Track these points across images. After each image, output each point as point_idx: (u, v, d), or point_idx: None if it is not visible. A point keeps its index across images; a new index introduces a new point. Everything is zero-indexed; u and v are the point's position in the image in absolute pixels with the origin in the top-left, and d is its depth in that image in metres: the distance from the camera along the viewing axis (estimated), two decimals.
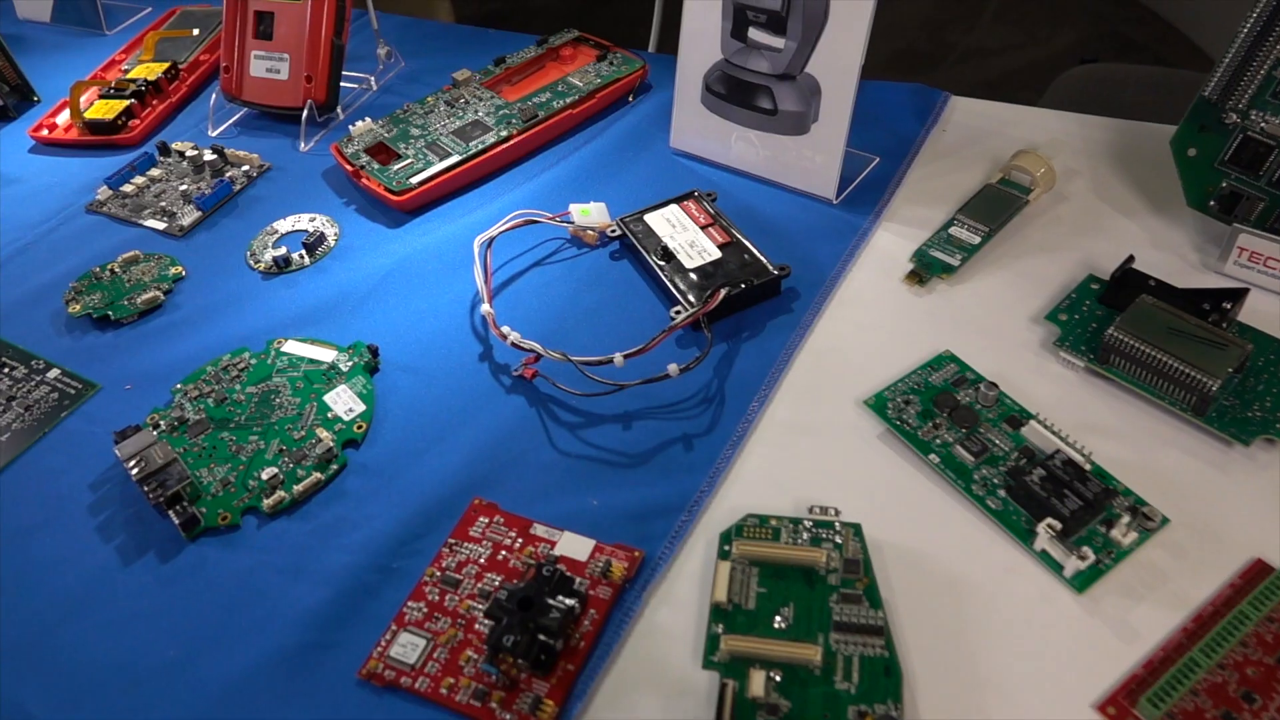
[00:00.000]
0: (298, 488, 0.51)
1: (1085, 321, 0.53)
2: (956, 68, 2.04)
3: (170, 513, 0.50)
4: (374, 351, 0.58)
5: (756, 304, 0.58)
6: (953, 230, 0.59)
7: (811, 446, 0.50)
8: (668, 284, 0.58)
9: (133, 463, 0.52)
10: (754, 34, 0.63)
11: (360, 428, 0.54)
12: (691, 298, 0.57)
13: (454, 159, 0.70)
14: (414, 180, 0.69)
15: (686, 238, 0.61)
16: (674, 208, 0.64)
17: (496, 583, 0.45)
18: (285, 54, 0.79)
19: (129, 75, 0.86)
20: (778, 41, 0.62)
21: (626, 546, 0.46)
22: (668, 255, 0.60)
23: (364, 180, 0.70)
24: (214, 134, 0.82)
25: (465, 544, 0.47)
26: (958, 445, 0.47)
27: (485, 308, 0.58)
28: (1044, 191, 0.61)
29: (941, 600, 0.43)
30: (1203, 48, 1.51)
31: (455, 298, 0.62)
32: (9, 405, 0.59)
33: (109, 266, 0.67)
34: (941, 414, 0.49)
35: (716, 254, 0.59)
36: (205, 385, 0.58)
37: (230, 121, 0.83)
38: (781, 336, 0.56)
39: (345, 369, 0.57)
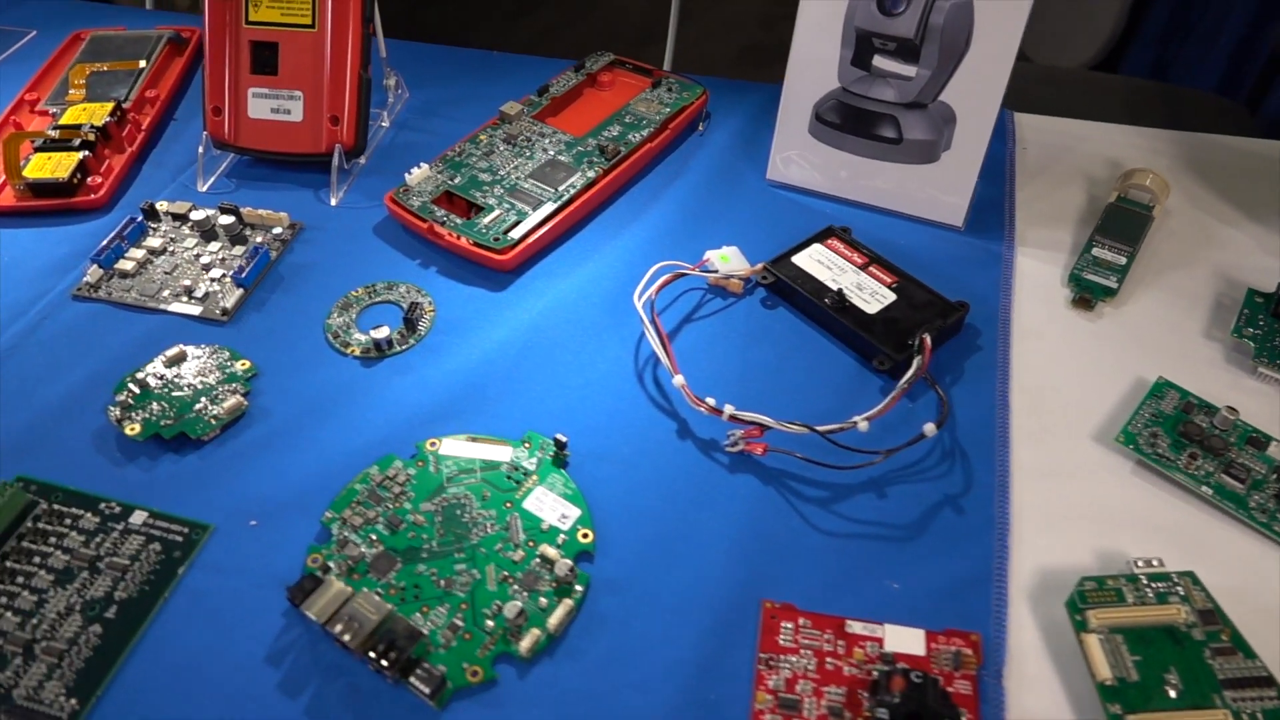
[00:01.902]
0: (552, 621, 0.43)
1: (1270, 335, 0.55)
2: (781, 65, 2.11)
3: (411, 681, 0.41)
4: (560, 444, 0.50)
5: (942, 344, 0.56)
6: (1096, 252, 0.61)
7: (1074, 490, 0.49)
8: (855, 333, 0.55)
9: (340, 627, 0.42)
10: (880, 62, 0.61)
11: (586, 536, 0.47)
12: (889, 347, 0.54)
13: (550, 206, 0.63)
14: (515, 235, 0.61)
15: (850, 279, 0.58)
16: (818, 247, 0.60)
17: (842, 697, 0.41)
18: (297, 91, 0.67)
19: (63, 121, 0.70)
20: (908, 70, 0.61)
21: (960, 631, 0.43)
22: (842, 300, 0.57)
23: (447, 238, 0.61)
24: (205, 189, 0.69)
25: (781, 658, 0.42)
26: (1220, 474, 0.48)
27: (678, 379, 0.52)
28: (1161, 207, 0.64)
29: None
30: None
31: (614, 366, 0.56)
32: (95, 570, 0.46)
33: (150, 369, 0.54)
34: (1193, 443, 0.50)
35: (891, 295, 0.57)
36: (365, 509, 0.48)
37: (219, 172, 0.70)
38: (986, 377, 0.54)
39: (530, 467, 0.50)
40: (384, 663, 0.41)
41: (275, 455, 0.51)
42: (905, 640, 0.43)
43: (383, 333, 0.56)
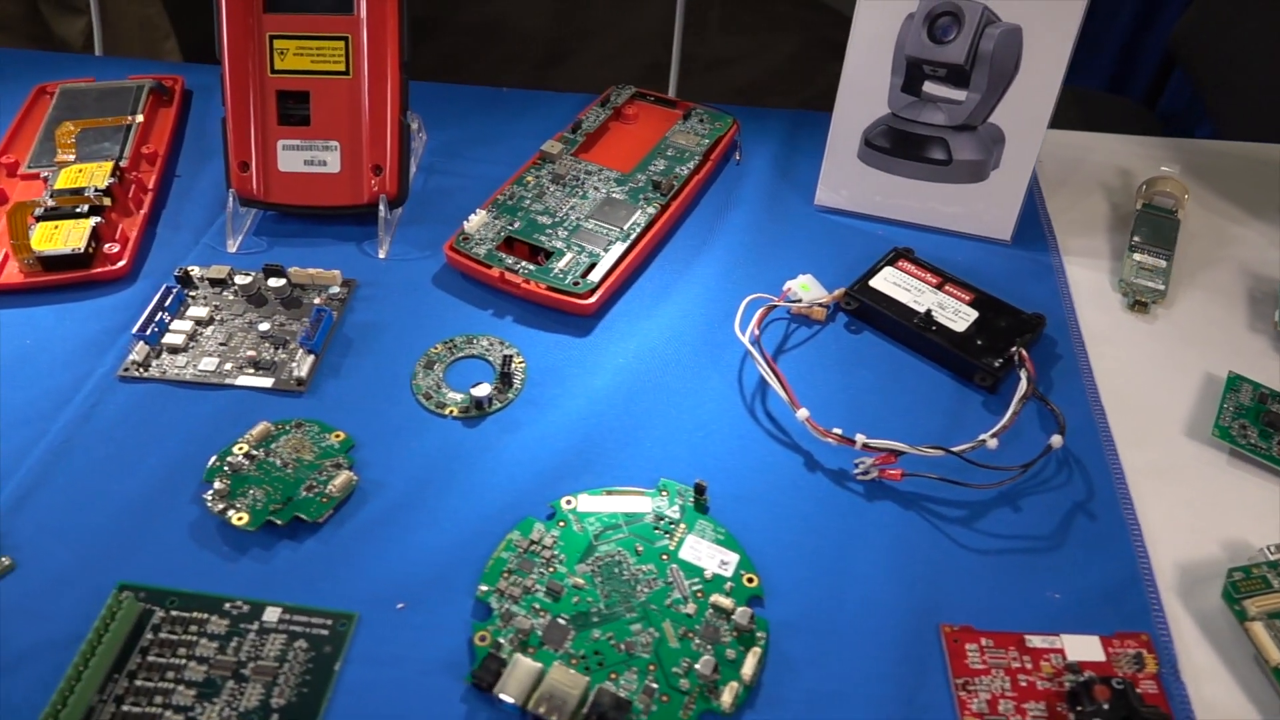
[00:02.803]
0: (746, 672, 0.42)
1: None
2: (704, 77, 2.15)
3: None
4: (700, 489, 0.49)
5: None
6: (1137, 257, 0.64)
7: (1184, 486, 0.52)
8: (949, 351, 0.56)
9: (543, 708, 0.40)
10: (930, 88, 0.63)
11: (751, 580, 0.46)
12: (987, 362, 0.56)
13: (620, 246, 0.61)
14: (594, 278, 0.59)
15: (932, 299, 0.59)
16: (891, 270, 0.61)
17: (1044, 712, 0.42)
18: (333, 141, 0.63)
19: (59, 185, 0.64)
20: (958, 94, 0.63)
21: (1129, 633, 0.45)
22: (930, 320, 0.58)
23: (523, 285, 0.59)
24: (235, 249, 0.64)
25: (975, 680, 0.43)
26: None
27: (802, 413, 0.52)
28: (1183, 211, 0.68)
29: None
30: None
31: (722, 404, 0.55)
32: (241, 678, 0.42)
33: (239, 450, 0.50)
34: (1278, 430, 0.53)
35: (973, 312, 0.59)
36: (520, 578, 0.46)
37: (245, 230, 0.65)
38: (1072, 384, 0.57)
39: (674, 516, 0.49)
40: None
41: (401, 530, 0.49)
42: (1083, 648, 0.44)
43: (483, 390, 0.54)
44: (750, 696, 0.42)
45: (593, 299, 0.59)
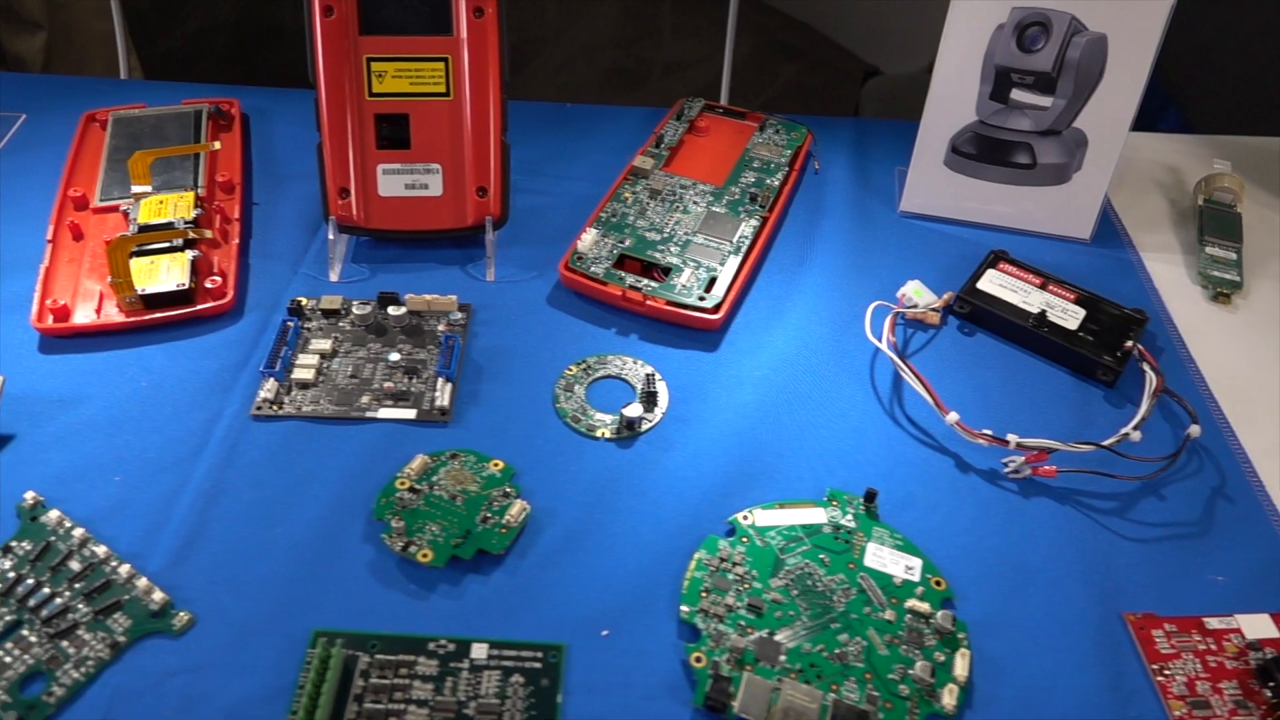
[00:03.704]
0: (959, 673, 0.44)
1: None
2: (665, 81, 2.17)
3: None
4: (871, 496, 0.50)
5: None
6: (1210, 251, 0.68)
7: None
8: (1067, 349, 0.58)
9: None
10: (1018, 95, 0.65)
11: (940, 584, 0.47)
12: (1105, 358, 0.58)
13: (735, 259, 0.62)
14: (718, 292, 0.60)
15: (1040, 299, 0.61)
16: (994, 272, 0.63)
17: (1238, 690, 0.44)
18: (434, 164, 0.62)
19: (143, 219, 0.61)
20: (1044, 101, 0.65)
21: None
22: (1044, 320, 0.60)
23: (648, 302, 0.59)
24: (337, 278, 0.62)
25: (1170, 665, 0.45)
26: None
27: (952, 416, 0.53)
28: (1241, 205, 0.72)
29: None
30: (849, 48, 1.81)
31: (866, 411, 0.56)
32: (466, 719, 0.41)
33: (401, 485, 0.49)
34: None
35: (1080, 310, 0.61)
36: (719, 596, 0.46)
37: (343, 258, 0.63)
38: (1180, 374, 0.59)
39: (851, 525, 0.49)
40: None
41: (583, 556, 0.48)
42: (1258, 627, 0.47)
43: (635, 410, 0.54)
44: (966, 696, 0.44)
45: (719, 313, 0.59)
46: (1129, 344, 0.58)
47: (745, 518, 0.50)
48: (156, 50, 1.57)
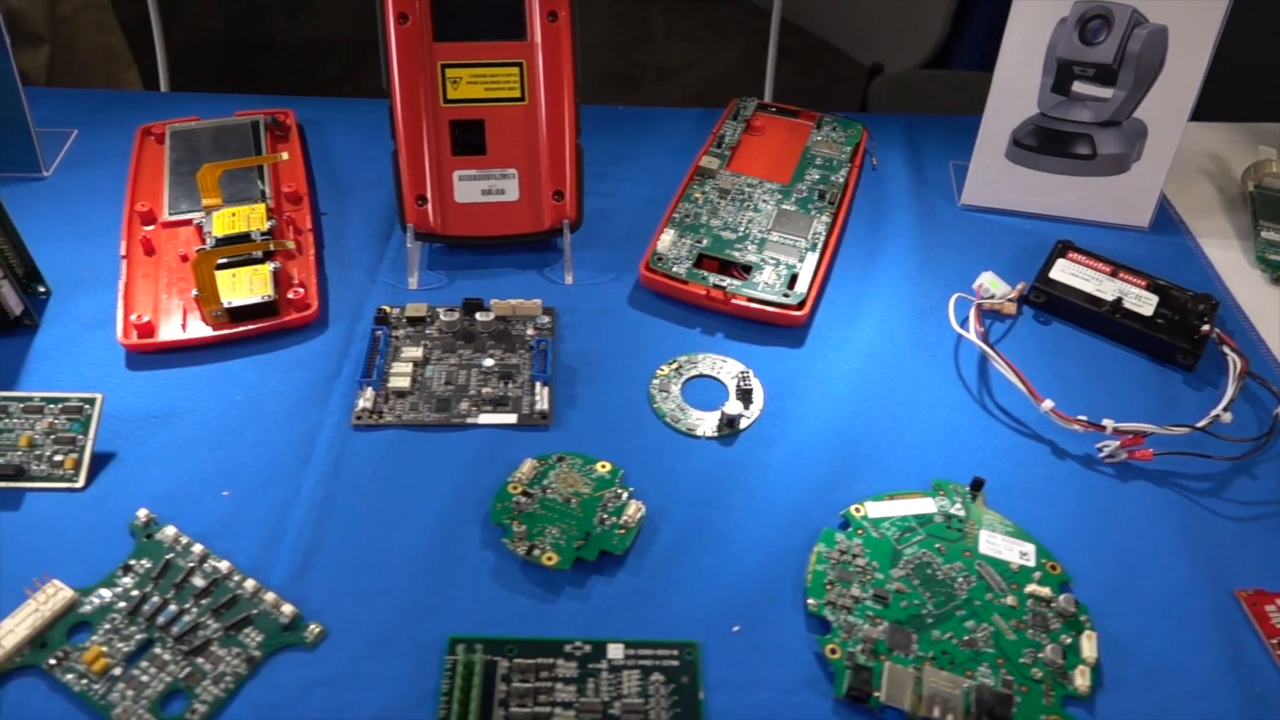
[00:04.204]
0: (1089, 655, 0.44)
1: None
2: (660, 85, 2.18)
3: None
4: (978, 484, 0.51)
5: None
6: (1265, 235, 0.69)
7: None
8: (1145, 335, 0.60)
9: (937, 710, 0.40)
10: (1079, 87, 0.66)
11: (1055, 568, 0.48)
12: (1183, 342, 0.59)
13: (813, 256, 0.62)
14: (801, 288, 0.60)
15: (1112, 287, 0.63)
16: (1064, 262, 0.64)
17: None
18: (510, 169, 0.62)
19: (217, 232, 0.60)
20: (1105, 92, 0.66)
21: None
22: (1119, 307, 0.61)
23: (732, 301, 0.59)
24: (416, 285, 0.62)
25: None
26: None
27: (1047, 404, 0.54)
28: None
29: None
30: (841, 48, 1.83)
31: (956, 401, 0.57)
32: (614, 719, 0.41)
33: (515, 488, 0.49)
34: None
35: (1152, 296, 0.62)
36: (843, 589, 0.46)
37: (418, 265, 0.63)
38: (1256, 357, 0.60)
39: (960, 514, 0.50)
40: None
41: (701, 553, 0.48)
42: None
43: (735, 408, 0.54)
44: (1097, 677, 0.45)
45: (804, 310, 0.60)
46: (1206, 328, 0.60)
47: (857, 510, 0.50)
48: (153, 61, 1.56)
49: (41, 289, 0.59)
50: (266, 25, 1.90)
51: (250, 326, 0.58)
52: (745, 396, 0.56)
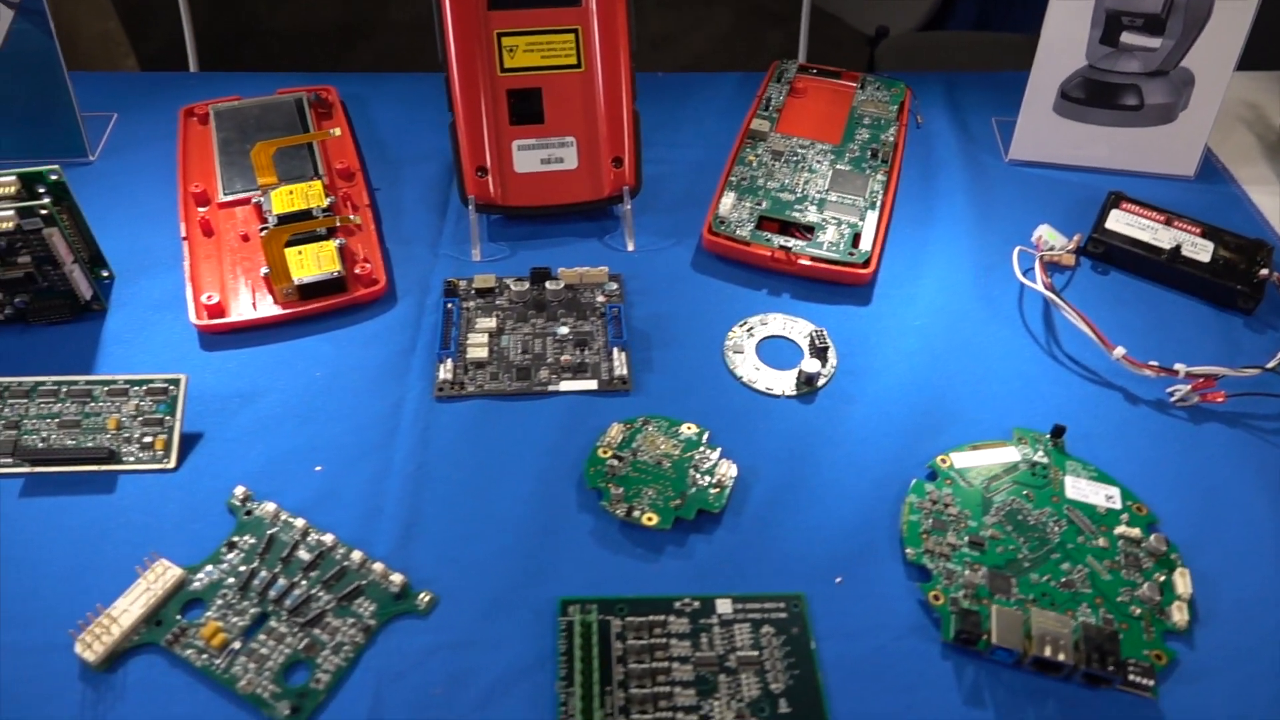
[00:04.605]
0: (1184, 592, 0.45)
1: None
2: (659, 53, 2.17)
3: (1131, 678, 0.41)
4: (1060, 431, 0.52)
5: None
6: None
7: None
8: (1205, 281, 0.60)
9: (1048, 649, 0.41)
10: (1127, 38, 0.67)
11: (1141, 509, 0.49)
12: (1243, 287, 0.60)
13: (873, 214, 0.63)
14: (865, 247, 0.60)
15: (1168, 235, 0.63)
16: (1118, 212, 0.65)
17: None
18: (569, 137, 0.62)
19: (277, 210, 0.60)
20: (1153, 42, 0.67)
21: None
22: (1178, 254, 0.62)
23: (798, 261, 0.60)
24: (479, 257, 0.62)
25: None
26: None
27: (1118, 351, 0.55)
28: None
29: None
30: (835, 14, 1.82)
31: (1026, 352, 0.58)
32: (730, 671, 0.42)
33: (605, 452, 0.49)
34: None
35: (1208, 243, 0.63)
36: (939, 537, 0.47)
37: (478, 237, 0.63)
38: None
39: (1044, 460, 0.51)
40: (1109, 668, 0.41)
41: (795, 509, 0.49)
42: None
43: (813, 366, 0.54)
44: (1192, 612, 0.46)
45: (870, 268, 0.60)
46: (1265, 271, 0.60)
47: (944, 461, 0.51)
48: (152, 45, 1.54)
49: (105, 273, 0.59)
50: (249, 10, 1.87)
51: (320, 304, 0.58)
52: (821, 354, 0.56)
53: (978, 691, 0.42)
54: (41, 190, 0.54)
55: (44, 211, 0.51)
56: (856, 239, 0.62)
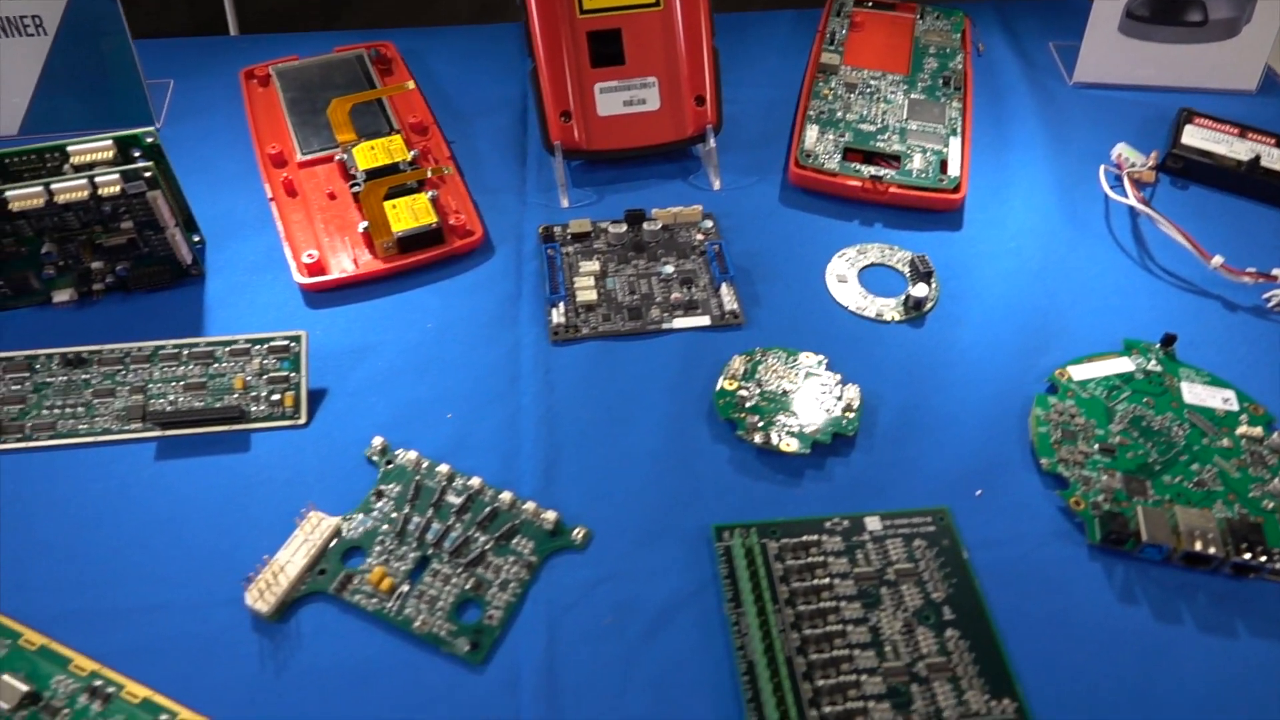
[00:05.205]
0: None
1: None
2: None
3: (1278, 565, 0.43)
4: (1169, 340, 0.53)
5: None
6: None
7: None
8: None
9: (1199, 544, 0.43)
10: None
11: (1258, 410, 0.50)
12: None
13: (955, 140, 0.63)
14: (953, 173, 0.61)
15: (1244, 147, 0.64)
16: (1191, 128, 0.66)
17: None
18: (650, 77, 0.61)
19: (363, 166, 0.59)
20: None
21: None
22: (1257, 165, 0.63)
23: (889, 190, 0.60)
24: (568, 204, 0.61)
25: None
26: None
27: (1216, 260, 0.56)
28: None
29: None
30: None
31: (1119, 267, 0.58)
32: (890, 583, 0.43)
33: (732, 383, 0.50)
34: None
35: None
36: (1071, 446, 0.48)
37: (564, 183, 0.62)
38: None
39: (1158, 369, 0.52)
40: (1262, 558, 0.43)
41: (926, 428, 0.50)
42: None
43: (921, 290, 0.55)
44: None
45: (960, 193, 0.61)
46: None
47: (1061, 374, 0.52)
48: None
49: (196, 238, 0.58)
50: None
51: (419, 256, 0.57)
52: (925, 279, 0.57)
53: (1129, 589, 0.44)
54: (137, 154, 0.53)
55: (148, 174, 0.50)
56: (944, 165, 0.62)
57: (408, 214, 0.58)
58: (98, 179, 0.50)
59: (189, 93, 0.70)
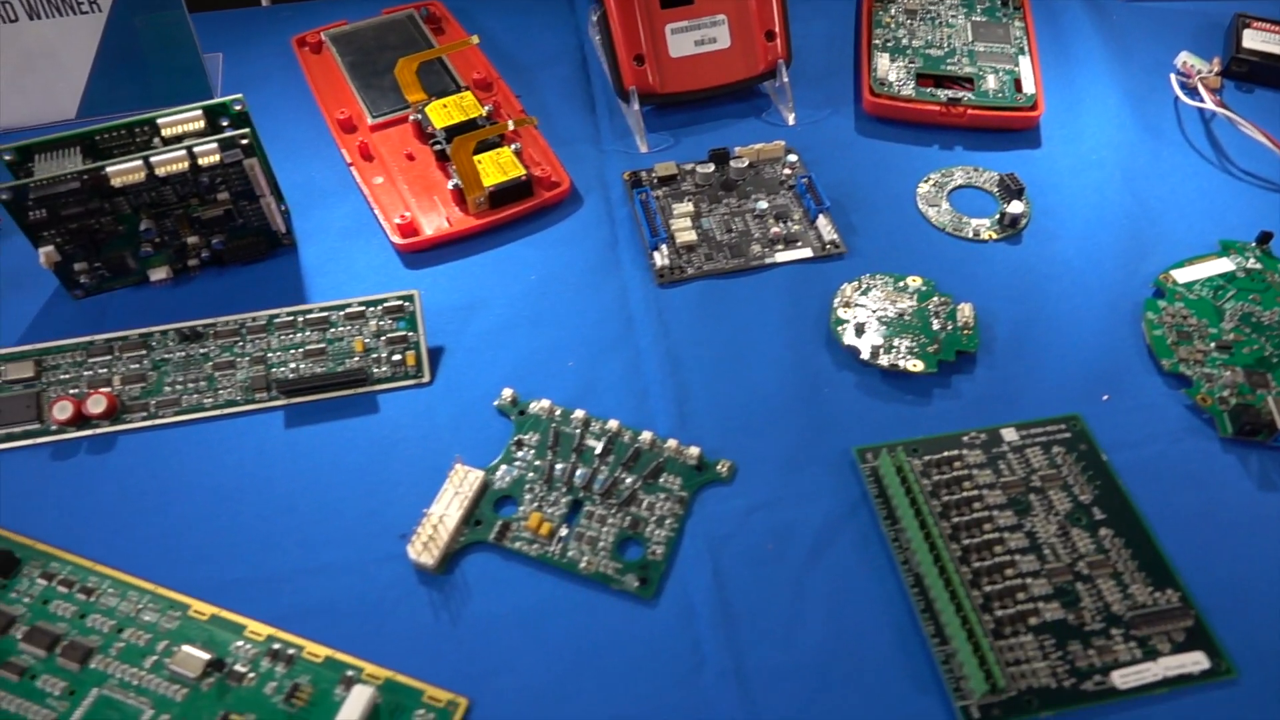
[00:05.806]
0: None
1: None
2: None
3: None
4: (1265, 238, 0.53)
5: None
6: None
7: None
8: None
9: None
10: None
11: None
12: None
13: (1025, 58, 0.63)
14: (1029, 90, 0.61)
15: None
16: (1250, 31, 0.66)
17: None
18: (720, 15, 0.61)
19: (439, 124, 0.58)
20: None
21: None
22: None
23: (969, 112, 0.60)
24: (646, 149, 0.61)
25: None
26: None
27: None
28: None
29: None
30: None
31: (1202, 173, 0.59)
32: (1037, 490, 0.44)
33: (844, 313, 0.50)
34: None
35: None
36: (1186, 346, 0.49)
37: (639, 129, 0.62)
38: None
39: (1256, 267, 0.53)
40: None
41: (1042, 339, 0.51)
42: None
43: (1018, 208, 0.55)
44: None
45: (1038, 109, 0.61)
46: None
47: (1166, 279, 0.53)
48: None
49: (283, 207, 0.58)
50: None
51: (511, 210, 0.57)
52: (1017, 196, 0.57)
53: (1266, 476, 0.45)
54: (225, 123, 0.52)
55: (245, 141, 0.49)
56: (1018, 84, 0.62)
57: (494, 168, 0.57)
58: (195, 149, 0.49)
59: (239, 64, 0.69)
